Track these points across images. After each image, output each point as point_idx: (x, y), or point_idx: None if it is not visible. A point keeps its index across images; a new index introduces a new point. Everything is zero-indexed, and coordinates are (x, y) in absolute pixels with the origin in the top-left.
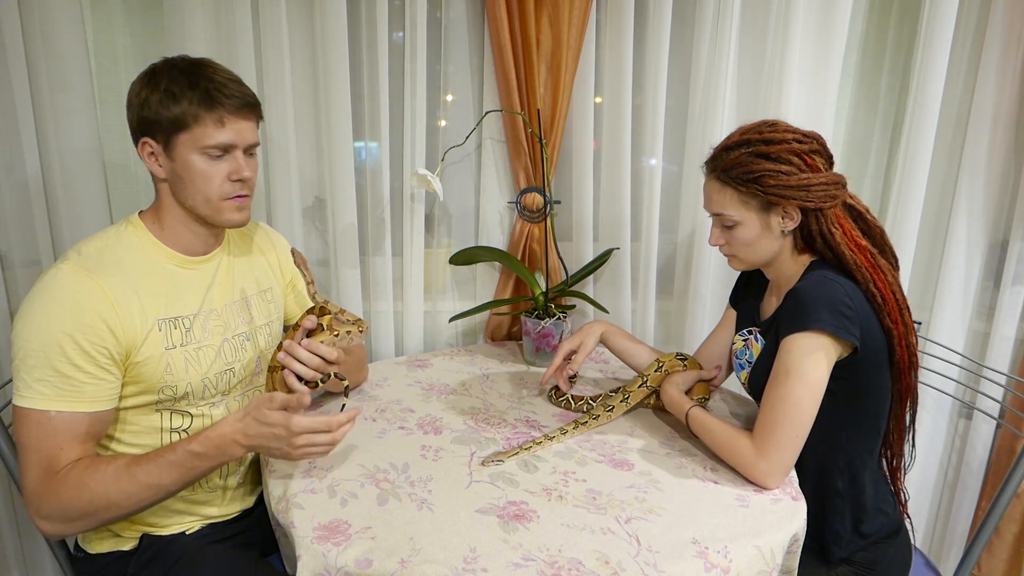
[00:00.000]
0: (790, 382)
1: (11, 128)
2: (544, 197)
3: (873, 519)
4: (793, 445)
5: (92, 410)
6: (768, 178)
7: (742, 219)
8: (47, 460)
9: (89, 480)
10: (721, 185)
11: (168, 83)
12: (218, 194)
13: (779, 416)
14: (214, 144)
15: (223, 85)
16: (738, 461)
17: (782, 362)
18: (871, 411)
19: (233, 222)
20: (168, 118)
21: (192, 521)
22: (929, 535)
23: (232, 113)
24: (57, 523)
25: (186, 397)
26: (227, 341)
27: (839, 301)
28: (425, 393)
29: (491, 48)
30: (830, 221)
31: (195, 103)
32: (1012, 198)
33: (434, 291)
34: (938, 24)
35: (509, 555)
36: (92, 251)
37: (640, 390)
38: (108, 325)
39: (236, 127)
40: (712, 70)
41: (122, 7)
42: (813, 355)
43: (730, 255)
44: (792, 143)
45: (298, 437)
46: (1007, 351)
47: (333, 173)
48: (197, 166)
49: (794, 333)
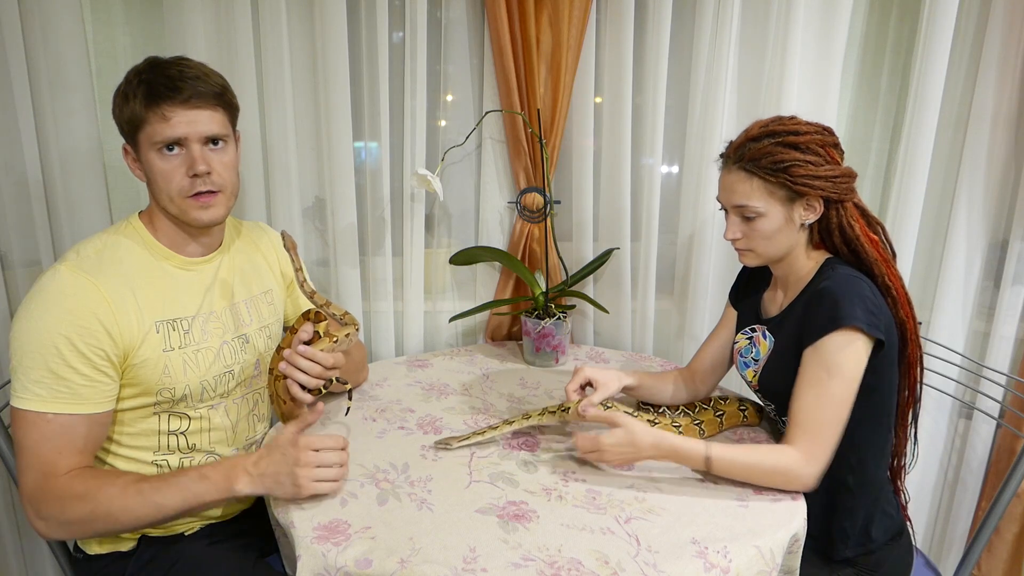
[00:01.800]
0: (832, 382)
1: (11, 128)
2: (544, 197)
3: (880, 520)
4: (836, 441)
5: (89, 412)
6: (797, 167)
7: (766, 211)
8: (46, 462)
9: (96, 491)
10: (747, 175)
11: (125, 85)
12: (178, 191)
13: (827, 417)
14: (161, 140)
15: (171, 79)
16: (785, 477)
17: (821, 362)
18: (884, 407)
19: (200, 221)
20: (125, 119)
21: (191, 522)
22: (929, 535)
23: (179, 105)
24: (53, 525)
25: (184, 399)
26: (226, 343)
27: (867, 298)
28: (425, 393)
29: (491, 48)
30: (849, 214)
31: (139, 101)
32: (1012, 198)
33: (434, 291)
34: (938, 24)
35: (509, 555)
36: (91, 252)
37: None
38: (105, 327)
39: (184, 119)
40: (712, 70)
41: (122, 7)
42: (850, 350)
43: (747, 249)
44: (816, 135)
45: (304, 453)
46: (1007, 351)
47: (333, 173)
48: (155, 164)
49: (829, 333)
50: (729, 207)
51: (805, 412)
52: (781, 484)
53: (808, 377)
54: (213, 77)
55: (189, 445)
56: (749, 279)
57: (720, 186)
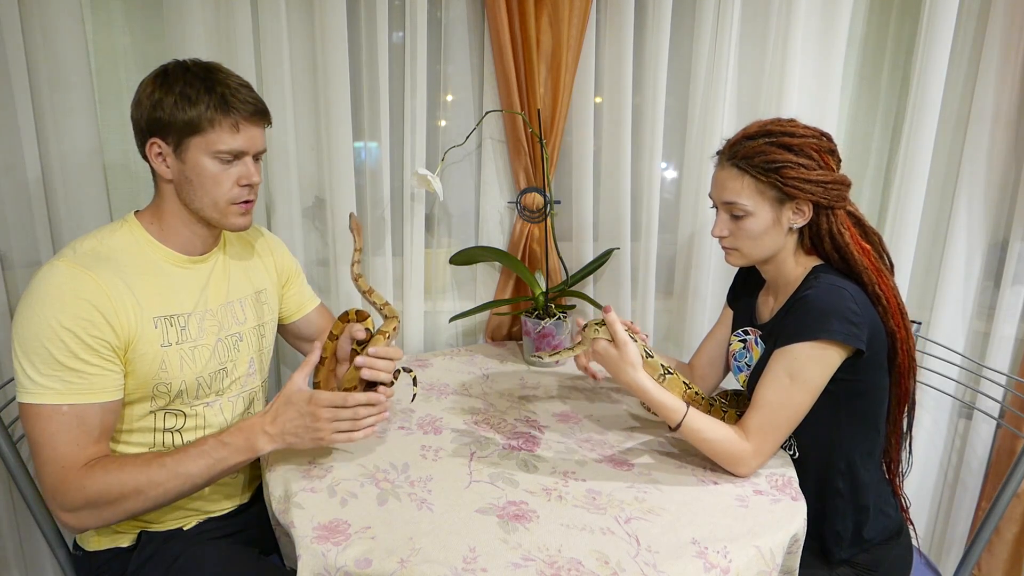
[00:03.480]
0: (794, 389)
1: (11, 128)
2: (544, 197)
3: (875, 521)
4: (783, 440)
5: (102, 400)
6: (789, 169)
7: (754, 210)
8: (65, 454)
9: (117, 471)
10: (739, 173)
11: (183, 86)
12: (227, 198)
13: (781, 420)
14: (227, 149)
15: (237, 91)
16: (733, 462)
17: (787, 367)
18: (870, 412)
19: (237, 226)
20: (183, 120)
21: (188, 516)
22: (929, 535)
23: (246, 119)
24: (84, 515)
25: (180, 396)
26: (221, 341)
27: (848, 309)
28: (425, 393)
29: (491, 48)
30: (840, 221)
31: (212, 107)
32: (1012, 198)
33: (434, 291)
34: (938, 24)
35: (509, 555)
36: (87, 249)
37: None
38: (106, 319)
39: (249, 133)
40: (712, 70)
41: (122, 7)
42: (819, 363)
43: (732, 248)
44: (812, 139)
45: (323, 409)
46: (1007, 351)
47: (333, 173)
48: (208, 170)
49: (803, 341)
50: (719, 203)
51: (762, 410)
52: (726, 465)
53: (773, 375)
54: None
55: (184, 443)
56: (745, 280)
57: (712, 182)
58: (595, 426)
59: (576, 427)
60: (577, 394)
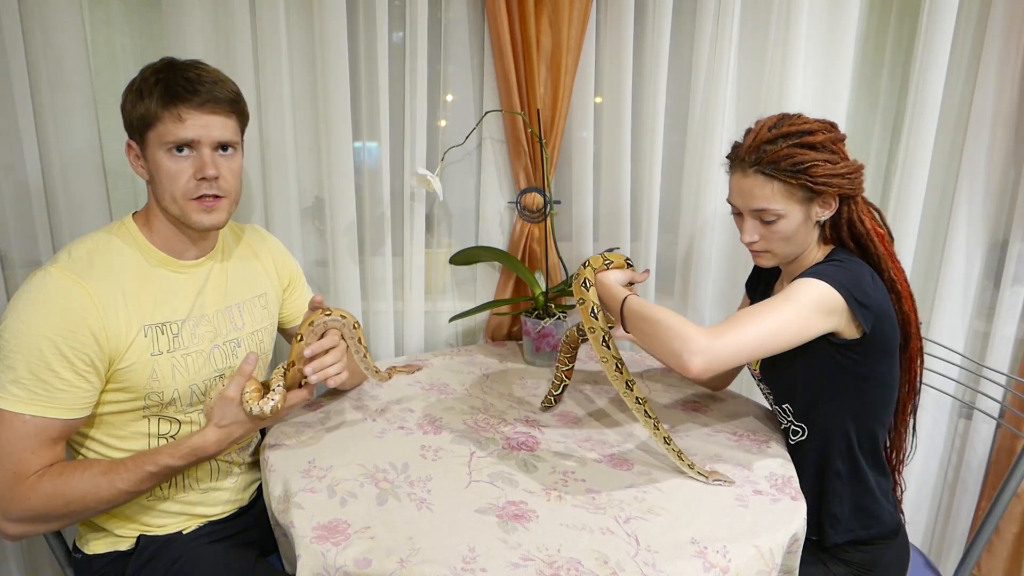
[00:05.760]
0: (787, 306)
1: (11, 128)
2: (544, 197)
3: (873, 510)
4: (747, 350)
5: (66, 417)
6: (817, 167)
7: (786, 212)
8: (16, 464)
9: (65, 488)
10: (766, 179)
11: (140, 83)
12: (183, 193)
13: (757, 319)
14: (173, 140)
15: (189, 81)
16: (681, 344)
17: (784, 293)
18: (878, 399)
19: (201, 224)
20: (136, 117)
21: (188, 520)
22: (929, 535)
23: (195, 108)
24: (23, 526)
25: (173, 403)
26: (217, 347)
27: (864, 280)
28: (425, 393)
29: (491, 48)
30: (860, 209)
31: (155, 99)
32: (1012, 198)
33: (434, 291)
34: (938, 24)
35: (508, 555)
36: (82, 253)
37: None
38: (92, 332)
39: (199, 122)
40: (712, 70)
41: (122, 7)
42: (818, 299)
43: (764, 251)
44: (828, 133)
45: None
46: (1007, 351)
47: (332, 173)
48: (163, 164)
49: (811, 278)
50: (746, 211)
51: (743, 311)
52: (672, 355)
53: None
54: (228, 84)
55: None
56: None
57: (734, 190)
58: (595, 426)
59: (576, 427)
60: (577, 394)
